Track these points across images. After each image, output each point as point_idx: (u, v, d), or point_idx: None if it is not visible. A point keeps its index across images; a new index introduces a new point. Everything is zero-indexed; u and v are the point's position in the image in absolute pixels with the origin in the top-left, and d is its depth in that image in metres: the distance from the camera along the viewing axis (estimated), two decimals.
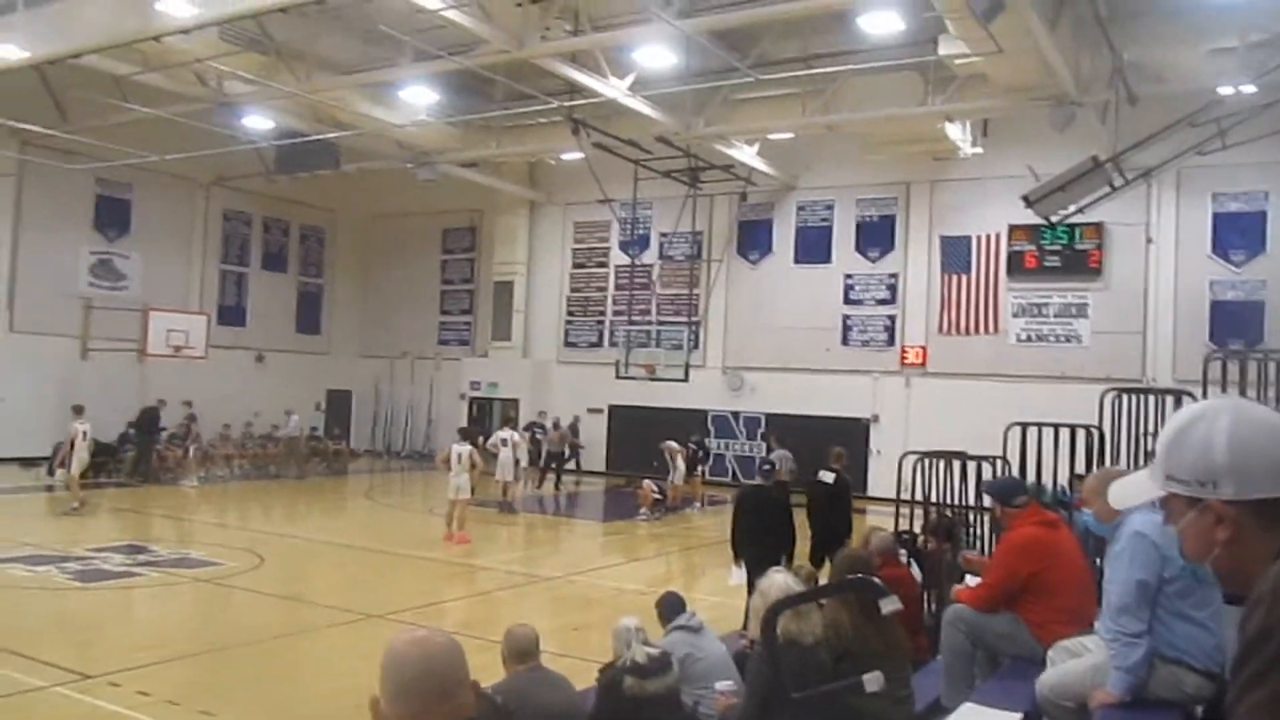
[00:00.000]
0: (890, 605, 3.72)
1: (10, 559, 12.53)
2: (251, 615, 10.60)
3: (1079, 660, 4.32)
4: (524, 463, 20.69)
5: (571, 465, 24.49)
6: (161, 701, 7.33)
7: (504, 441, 19.19)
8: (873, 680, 3.70)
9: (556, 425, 23.77)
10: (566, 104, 18.85)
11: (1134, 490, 1.71)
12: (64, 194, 23.53)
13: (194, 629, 10.14)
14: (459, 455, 15.41)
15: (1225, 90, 15.38)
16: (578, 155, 21.84)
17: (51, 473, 21.39)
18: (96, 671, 8.12)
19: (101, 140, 20.98)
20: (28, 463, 22.00)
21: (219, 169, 26.06)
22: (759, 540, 9.49)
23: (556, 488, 23.01)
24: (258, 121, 20.99)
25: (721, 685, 4.78)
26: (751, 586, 8.16)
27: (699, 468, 21.18)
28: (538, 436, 23.34)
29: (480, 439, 17.03)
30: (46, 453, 21.74)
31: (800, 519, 10.70)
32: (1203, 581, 4.11)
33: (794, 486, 15.88)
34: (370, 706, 1.97)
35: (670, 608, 6.36)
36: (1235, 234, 20.20)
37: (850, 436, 22.97)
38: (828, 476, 11.54)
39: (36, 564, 12.33)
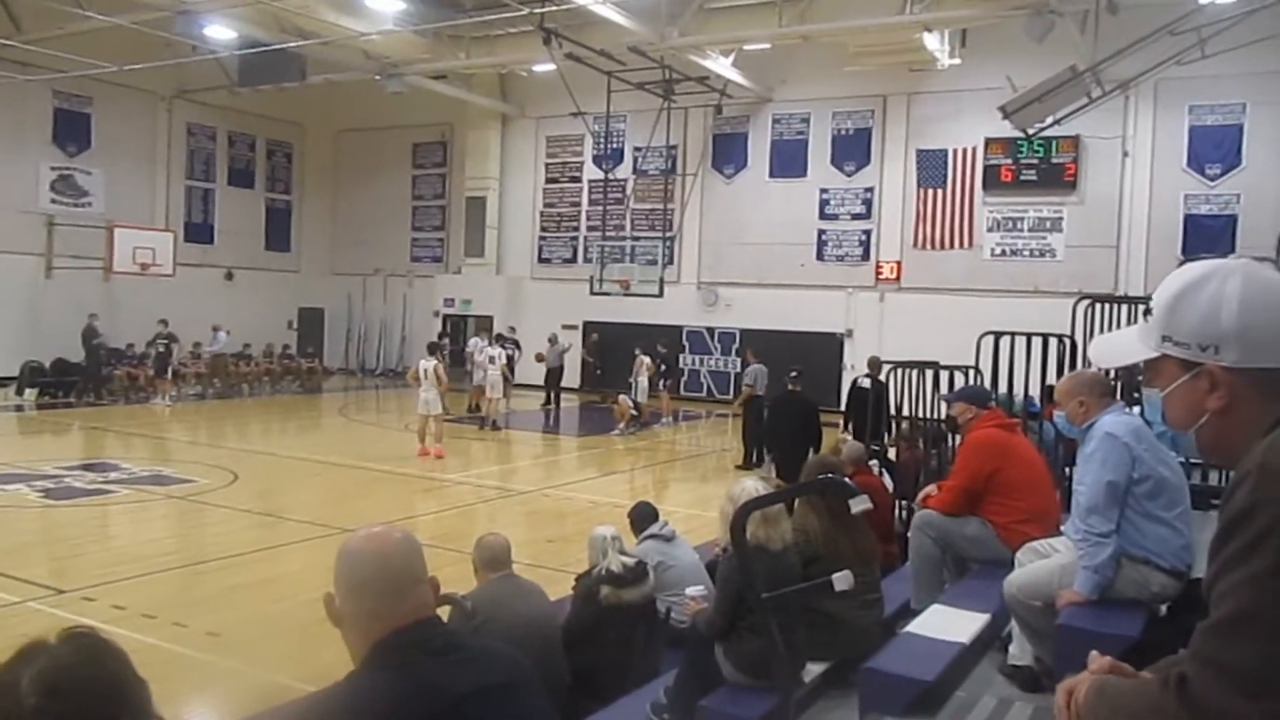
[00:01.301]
0: (860, 505, 3.71)
1: None
2: (225, 531, 10.58)
3: (1046, 560, 4.36)
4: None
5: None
6: (136, 615, 7.34)
7: (491, 360, 19.09)
8: (842, 579, 3.72)
9: (554, 340, 23.43)
10: (538, 11, 18.37)
11: (1121, 349, 1.62)
12: (20, 107, 22.85)
13: (168, 545, 10.14)
14: (425, 370, 15.38)
15: None
16: (550, 67, 21.37)
17: (20, 392, 21.21)
18: (70, 587, 8.12)
19: (58, 51, 20.32)
20: None
21: (181, 81, 25.41)
22: (791, 439, 10.14)
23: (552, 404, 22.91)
24: (220, 31, 20.35)
25: (692, 590, 4.80)
26: (784, 479, 8.42)
27: (666, 381, 21.06)
28: (510, 353, 23.16)
29: (440, 351, 16.80)
30: (14, 373, 21.51)
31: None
32: (1172, 483, 4.15)
33: (766, 400, 15.93)
34: (325, 603, 1.93)
35: (642, 517, 6.39)
36: (1211, 147, 20.14)
37: (824, 351, 23.13)
38: (865, 382, 11.76)
39: (7, 482, 12.27)
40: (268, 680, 6.31)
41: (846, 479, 4.80)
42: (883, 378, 8.59)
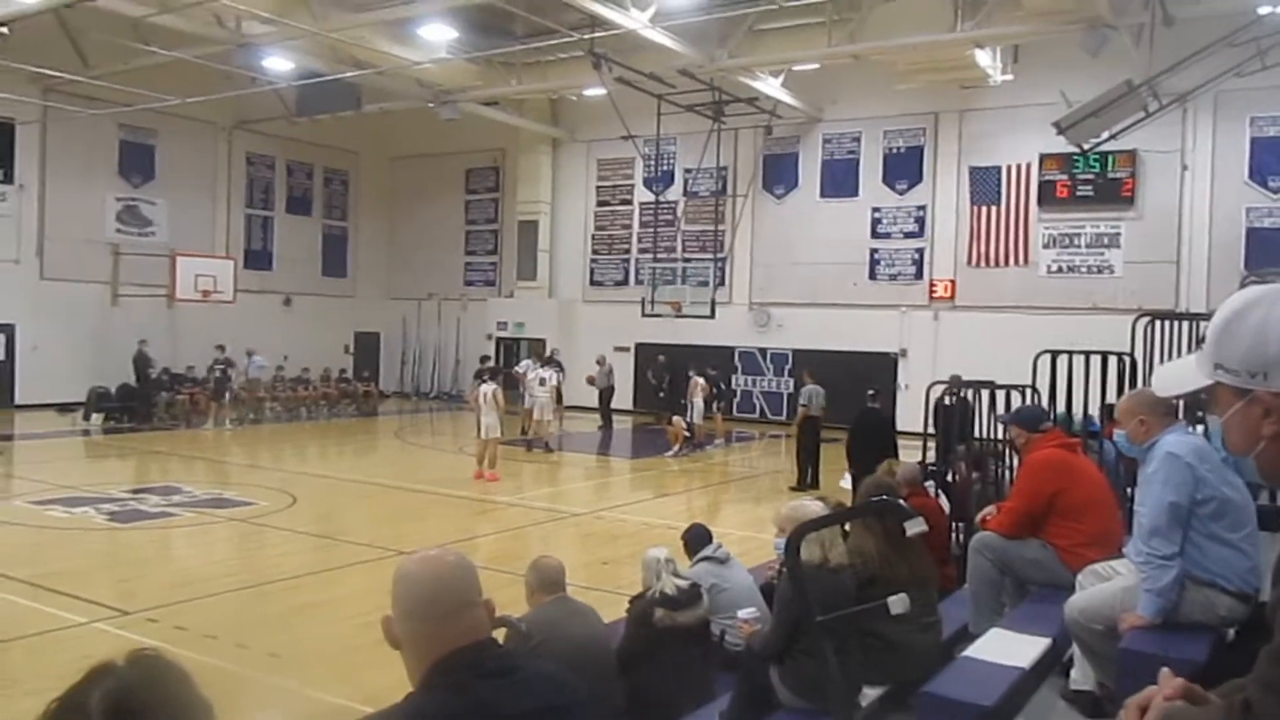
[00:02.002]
0: (915, 527, 3.67)
1: (49, 500, 12.78)
2: (285, 553, 10.74)
3: (1108, 583, 4.27)
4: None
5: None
6: (198, 636, 7.46)
7: (542, 381, 19.20)
8: (898, 603, 3.68)
9: (601, 362, 23.58)
10: (587, 37, 18.54)
11: (1179, 378, 1.62)
12: (88, 141, 23.60)
13: (229, 567, 10.31)
14: (484, 395, 15.50)
15: (1265, 9, 14.90)
16: (600, 91, 21.55)
17: (87, 417, 21.73)
18: (134, 608, 8.28)
19: (123, 85, 20.94)
20: (64, 408, 22.32)
21: (240, 112, 26.01)
22: (868, 452, 10.93)
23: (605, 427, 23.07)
24: (277, 63, 20.83)
25: (744, 613, 4.78)
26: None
27: (718, 404, 21.11)
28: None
29: (499, 375, 16.96)
30: (81, 398, 22.07)
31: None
32: (1236, 503, 4.05)
33: (825, 421, 15.87)
34: (383, 626, 1.96)
35: (696, 539, 6.37)
36: (1273, 159, 19.70)
37: (878, 371, 22.90)
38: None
39: (74, 505, 12.56)
40: (326, 702, 6.38)
41: (902, 500, 4.75)
42: (947, 400, 8.47)
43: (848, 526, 4.81)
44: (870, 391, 14.32)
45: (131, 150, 24.82)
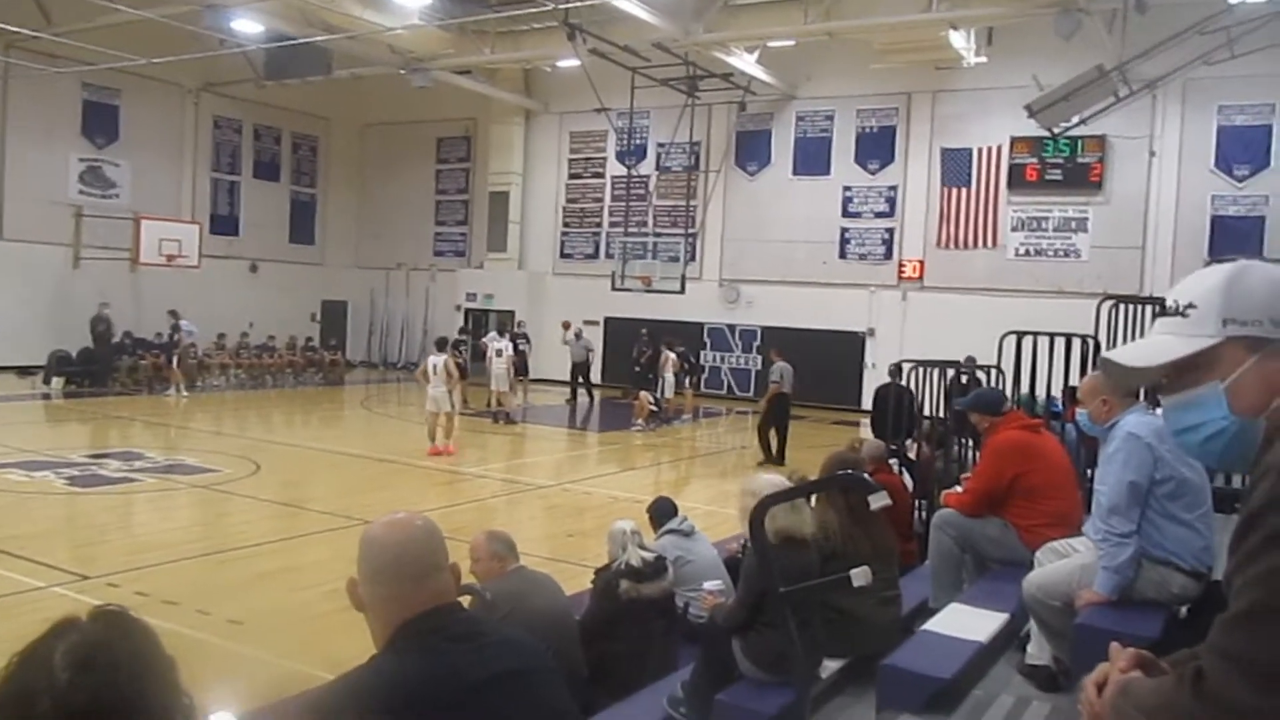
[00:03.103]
0: (879, 501, 3.71)
1: (8, 464, 12.61)
2: (247, 520, 10.68)
3: (1066, 560, 4.34)
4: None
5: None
6: (159, 602, 7.41)
7: (499, 352, 19.13)
8: (860, 575, 3.72)
9: (579, 335, 23.54)
10: (562, 7, 18.39)
11: (1163, 348, 1.56)
12: (50, 99, 23.09)
13: (191, 533, 10.25)
14: (434, 366, 14.99)
15: None
16: (574, 62, 21.37)
17: (47, 381, 21.44)
18: (95, 573, 8.22)
19: (87, 43, 20.52)
20: (23, 371, 21.99)
21: (208, 75, 25.58)
22: (891, 425, 10.99)
23: (581, 397, 23.07)
24: (247, 25, 20.48)
25: (709, 585, 4.82)
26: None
27: (690, 379, 21.19)
28: (520, 347, 23.14)
29: (448, 347, 16.60)
30: (41, 361, 21.76)
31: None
32: (1194, 484, 4.12)
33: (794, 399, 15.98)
34: (348, 588, 1.96)
35: (662, 512, 6.41)
36: (1239, 148, 19.94)
37: (846, 350, 23.10)
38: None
39: (34, 469, 12.41)
40: (288, 668, 6.37)
41: (866, 475, 4.79)
42: (903, 380, 8.55)
43: (813, 502, 4.85)
44: (893, 367, 14.26)
45: (95, 110, 24.35)
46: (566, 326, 23.42)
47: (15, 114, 22.92)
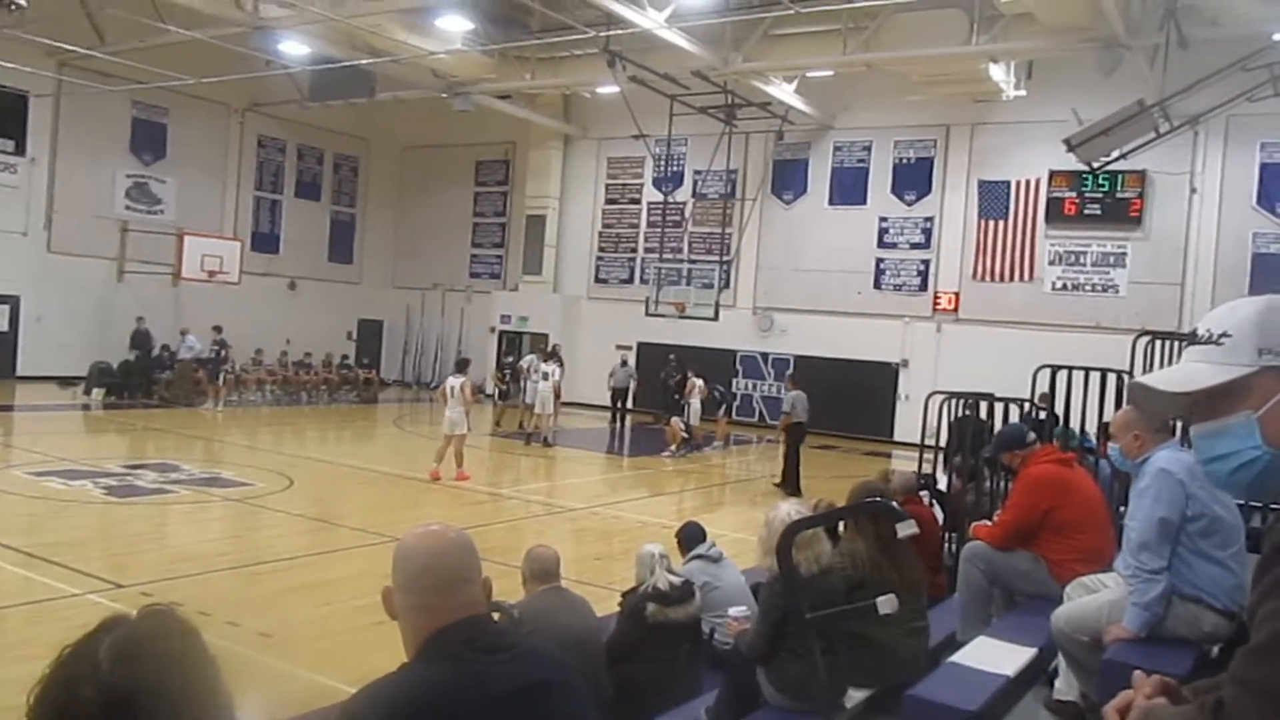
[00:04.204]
0: (907, 529, 3.70)
1: (48, 472, 12.82)
2: (280, 535, 10.78)
3: (1095, 595, 4.31)
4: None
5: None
6: (191, 612, 7.27)
7: (545, 375, 19.19)
8: (886, 602, 3.71)
9: (625, 363, 23.68)
10: (603, 34, 18.59)
11: (1196, 375, 1.56)
12: (100, 116, 23.65)
13: (224, 545, 10.35)
14: (452, 389, 14.66)
15: (1279, 36, 14.92)
16: (613, 89, 21.59)
17: (88, 392, 21.78)
18: (128, 581, 8.32)
19: (138, 62, 21.00)
20: (65, 381, 22.37)
21: (254, 95, 26.05)
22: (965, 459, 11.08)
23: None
24: (293, 47, 20.88)
25: (734, 611, 4.82)
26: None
27: (721, 408, 21.22)
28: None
29: (467, 368, 16.41)
30: (83, 372, 22.12)
31: None
32: (1227, 522, 4.09)
33: (813, 427, 15.91)
34: (382, 595, 2.01)
35: (690, 537, 6.40)
36: None
37: (879, 381, 22.99)
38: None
39: (72, 478, 12.60)
40: (317, 681, 6.41)
41: (895, 505, 4.78)
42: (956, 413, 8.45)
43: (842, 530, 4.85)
44: (970, 400, 14.31)
45: (144, 128, 24.88)
46: (624, 363, 23.61)
47: (67, 130, 23.47)
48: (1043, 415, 8.44)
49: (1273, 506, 5.13)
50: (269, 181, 28.17)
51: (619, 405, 23.33)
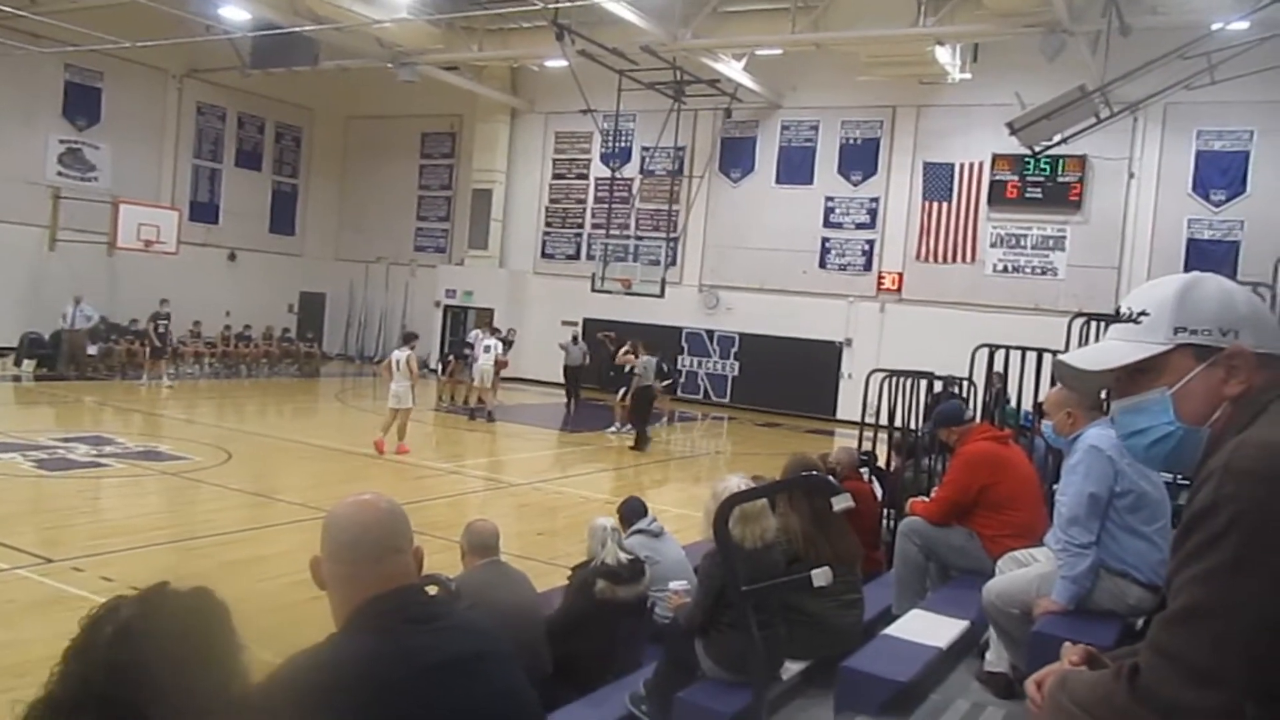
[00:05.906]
0: (842, 502, 3.74)
1: None
2: (217, 509, 10.63)
3: (1026, 569, 4.40)
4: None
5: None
6: (124, 587, 7.28)
7: (486, 349, 19.05)
8: (821, 575, 3.75)
9: (576, 340, 23.27)
10: (551, 7, 18.41)
11: (1116, 353, 1.59)
12: (32, 79, 22.88)
13: (159, 520, 10.19)
14: (398, 362, 14.55)
15: (1217, 25, 15.21)
16: (561, 63, 21.40)
17: (18, 363, 21.23)
18: (59, 556, 8.16)
19: (71, 24, 20.37)
20: None
21: (193, 60, 25.43)
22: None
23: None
24: (234, 12, 20.38)
25: (675, 584, 4.84)
26: None
27: (665, 384, 21.13)
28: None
29: (414, 341, 16.10)
30: (13, 343, 21.53)
31: None
32: (1153, 498, 4.19)
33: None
34: (310, 565, 1.98)
35: (631, 511, 6.41)
36: (1217, 173, 20.19)
37: (823, 359, 23.20)
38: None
39: (1, 451, 12.30)
40: (255, 657, 6.33)
41: (831, 477, 4.83)
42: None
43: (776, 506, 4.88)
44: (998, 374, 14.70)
45: (77, 92, 24.15)
46: (575, 340, 23.07)
47: None
48: (994, 393, 8.56)
49: (1181, 481, 5.27)
50: (208, 150, 27.54)
51: (573, 383, 23.10)
